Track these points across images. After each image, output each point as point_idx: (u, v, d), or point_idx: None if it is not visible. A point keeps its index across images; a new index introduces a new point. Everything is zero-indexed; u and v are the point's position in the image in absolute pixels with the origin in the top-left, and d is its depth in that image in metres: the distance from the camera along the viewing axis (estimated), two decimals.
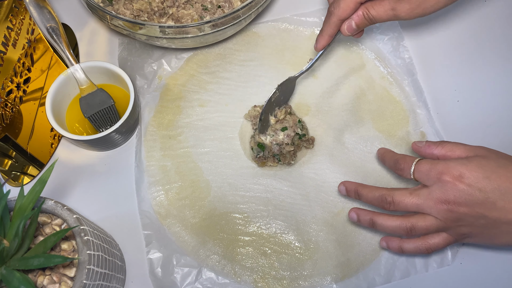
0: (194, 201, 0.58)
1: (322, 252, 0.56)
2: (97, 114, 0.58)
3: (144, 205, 0.58)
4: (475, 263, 0.55)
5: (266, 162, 0.60)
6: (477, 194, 0.45)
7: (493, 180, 0.45)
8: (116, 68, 0.59)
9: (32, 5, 0.59)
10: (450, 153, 0.49)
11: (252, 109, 0.62)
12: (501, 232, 0.46)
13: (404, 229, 0.49)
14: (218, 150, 0.61)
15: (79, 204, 0.58)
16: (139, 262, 0.56)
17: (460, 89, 0.64)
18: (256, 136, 0.59)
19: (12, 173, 0.59)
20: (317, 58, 0.58)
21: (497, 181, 0.45)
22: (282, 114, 0.60)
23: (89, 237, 0.46)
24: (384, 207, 0.50)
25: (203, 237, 0.56)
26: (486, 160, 0.46)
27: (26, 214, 0.42)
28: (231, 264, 0.55)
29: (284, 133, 0.58)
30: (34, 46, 0.65)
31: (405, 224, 0.48)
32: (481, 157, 0.47)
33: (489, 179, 0.45)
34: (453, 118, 0.62)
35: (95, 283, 0.45)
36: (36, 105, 0.63)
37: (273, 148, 0.58)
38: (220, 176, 0.59)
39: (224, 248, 0.56)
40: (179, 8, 0.62)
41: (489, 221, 0.46)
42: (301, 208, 0.58)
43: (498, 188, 0.44)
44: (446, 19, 0.68)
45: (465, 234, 0.48)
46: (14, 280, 0.41)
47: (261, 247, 0.56)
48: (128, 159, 0.61)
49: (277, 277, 0.55)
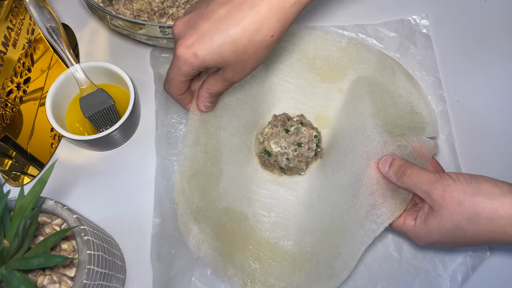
0: (206, 184, 0.56)
1: (315, 265, 0.54)
2: (97, 114, 0.58)
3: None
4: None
5: (272, 169, 0.59)
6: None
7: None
8: (116, 68, 0.59)
9: (32, 5, 0.59)
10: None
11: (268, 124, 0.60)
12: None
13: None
14: (233, 145, 0.59)
15: (79, 204, 0.58)
16: (139, 262, 0.56)
17: (460, 89, 0.64)
18: (266, 142, 0.58)
19: (12, 173, 0.59)
20: None
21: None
22: (293, 128, 0.58)
23: (89, 237, 0.46)
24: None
25: (203, 227, 0.55)
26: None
27: (26, 214, 0.42)
28: (223, 262, 0.54)
29: (298, 148, 0.57)
30: (34, 46, 0.65)
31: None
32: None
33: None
34: (453, 118, 0.62)
35: (95, 283, 0.45)
36: (36, 105, 0.63)
37: (283, 161, 0.57)
38: (233, 167, 0.58)
39: (221, 244, 0.55)
40: (179, 8, 0.62)
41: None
42: (303, 219, 0.57)
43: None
44: (446, 19, 0.68)
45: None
46: (14, 280, 0.41)
47: (257, 251, 0.55)
48: (128, 159, 0.61)
49: (266, 284, 0.54)
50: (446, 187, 0.45)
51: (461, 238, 0.45)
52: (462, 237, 0.45)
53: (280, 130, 0.58)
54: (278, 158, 0.57)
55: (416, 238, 0.49)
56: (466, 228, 0.44)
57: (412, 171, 0.48)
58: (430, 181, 0.46)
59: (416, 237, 0.49)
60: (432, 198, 0.46)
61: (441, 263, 0.55)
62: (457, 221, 0.44)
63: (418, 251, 0.56)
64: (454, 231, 0.45)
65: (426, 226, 0.47)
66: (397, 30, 0.66)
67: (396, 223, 0.50)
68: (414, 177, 0.48)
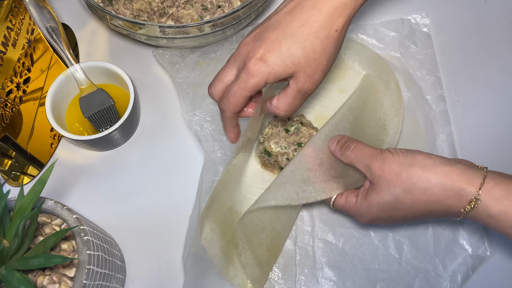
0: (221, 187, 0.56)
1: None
2: (97, 114, 0.58)
3: None
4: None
5: (272, 169, 0.59)
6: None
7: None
8: (116, 68, 0.59)
9: (32, 5, 0.59)
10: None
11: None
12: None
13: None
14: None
15: (79, 204, 0.58)
16: (139, 262, 0.56)
17: (460, 89, 0.64)
18: (266, 142, 0.58)
19: (12, 173, 0.59)
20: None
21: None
22: (293, 128, 0.58)
23: (89, 237, 0.46)
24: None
25: (213, 225, 0.55)
26: None
27: (26, 214, 0.42)
28: (226, 263, 0.54)
29: (298, 148, 0.57)
30: (34, 46, 0.65)
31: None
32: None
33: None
34: (453, 118, 0.62)
35: (95, 283, 0.45)
36: (36, 105, 0.63)
37: (283, 161, 0.57)
38: (233, 168, 0.57)
39: (225, 244, 0.55)
40: (179, 8, 0.62)
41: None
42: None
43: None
44: (447, 17, 0.68)
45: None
46: (14, 280, 0.41)
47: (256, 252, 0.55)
48: (128, 159, 0.61)
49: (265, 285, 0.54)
50: (385, 159, 0.47)
51: (399, 210, 0.47)
52: (400, 208, 0.47)
53: (280, 130, 0.58)
54: (278, 158, 0.57)
55: (358, 215, 0.50)
56: (403, 199, 0.46)
57: (356, 145, 0.50)
58: (371, 155, 0.48)
59: (358, 213, 0.50)
60: (372, 171, 0.48)
61: (441, 263, 0.55)
62: (395, 192, 0.46)
63: (418, 251, 0.55)
64: (393, 203, 0.47)
65: (366, 201, 0.48)
66: (397, 29, 0.66)
67: (338, 202, 0.51)
68: (356, 151, 0.49)
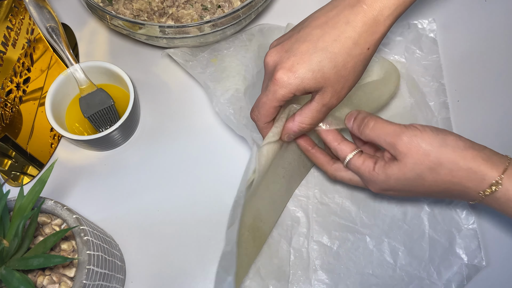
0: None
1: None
2: (97, 114, 0.58)
3: None
4: None
5: None
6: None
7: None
8: (116, 68, 0.59)
9: (32, 5, 0.59)
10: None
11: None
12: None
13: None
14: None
15: (79, 204, 0.58)
16: (139, 262, 0.56)
17: (460, 89, 0.64)
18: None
19: (12, 173, 0.59)
20: None
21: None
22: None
23: (89, 237, 0.45)
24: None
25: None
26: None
27: (26, 214, 0.42)
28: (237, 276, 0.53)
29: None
30: (34, 46, 0.65)
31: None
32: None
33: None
34: (453, 118, 0.62)
35: (95, 283, 0.45)
36: (35, 105, 0.63)
37: None
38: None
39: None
40: (179, 8, 0.62)
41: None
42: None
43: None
44: (454, 23, 0.68)
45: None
46: (13, 280, 0.41)
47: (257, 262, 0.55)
48: (128, 159, 0.61)
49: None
50: (413, 137, 0.45)
51: (418, 187, 0.46)
52: (420, 185, 0.46)
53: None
54: None
55: (371, 182, 0.49)
56: (427, 177, 0.45)
57: (376, 123, 0.48)
58: (395, 132, 0.46)
59: (372, 180, 0.49)
60: (396, 148, 0.46)
61: (436, 271, 0.54)
62: (419, 170, 0.45)
63: (413, 258, 0.55)
64: (414, 180, 0.46)
65: (385, 173, 0.47)
66: (403, 34, 0.65)
67: (355, 161, 0.49)
68: (377, 130, 0.48)
